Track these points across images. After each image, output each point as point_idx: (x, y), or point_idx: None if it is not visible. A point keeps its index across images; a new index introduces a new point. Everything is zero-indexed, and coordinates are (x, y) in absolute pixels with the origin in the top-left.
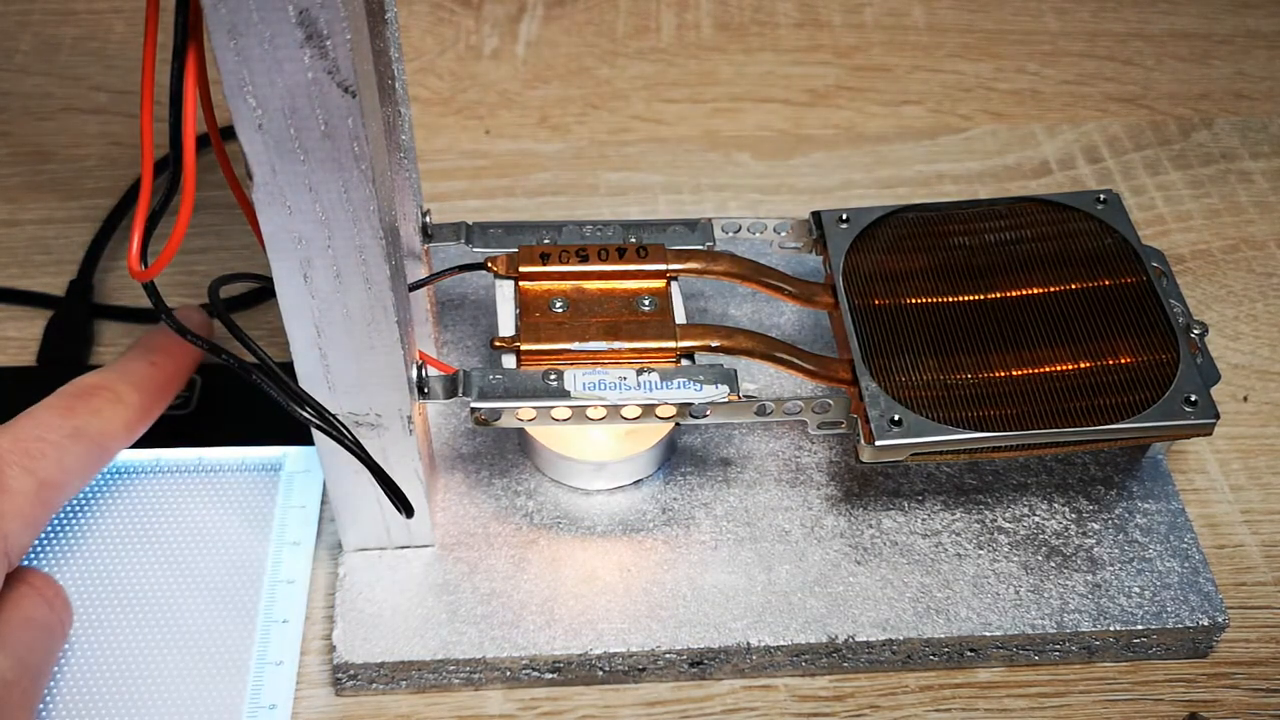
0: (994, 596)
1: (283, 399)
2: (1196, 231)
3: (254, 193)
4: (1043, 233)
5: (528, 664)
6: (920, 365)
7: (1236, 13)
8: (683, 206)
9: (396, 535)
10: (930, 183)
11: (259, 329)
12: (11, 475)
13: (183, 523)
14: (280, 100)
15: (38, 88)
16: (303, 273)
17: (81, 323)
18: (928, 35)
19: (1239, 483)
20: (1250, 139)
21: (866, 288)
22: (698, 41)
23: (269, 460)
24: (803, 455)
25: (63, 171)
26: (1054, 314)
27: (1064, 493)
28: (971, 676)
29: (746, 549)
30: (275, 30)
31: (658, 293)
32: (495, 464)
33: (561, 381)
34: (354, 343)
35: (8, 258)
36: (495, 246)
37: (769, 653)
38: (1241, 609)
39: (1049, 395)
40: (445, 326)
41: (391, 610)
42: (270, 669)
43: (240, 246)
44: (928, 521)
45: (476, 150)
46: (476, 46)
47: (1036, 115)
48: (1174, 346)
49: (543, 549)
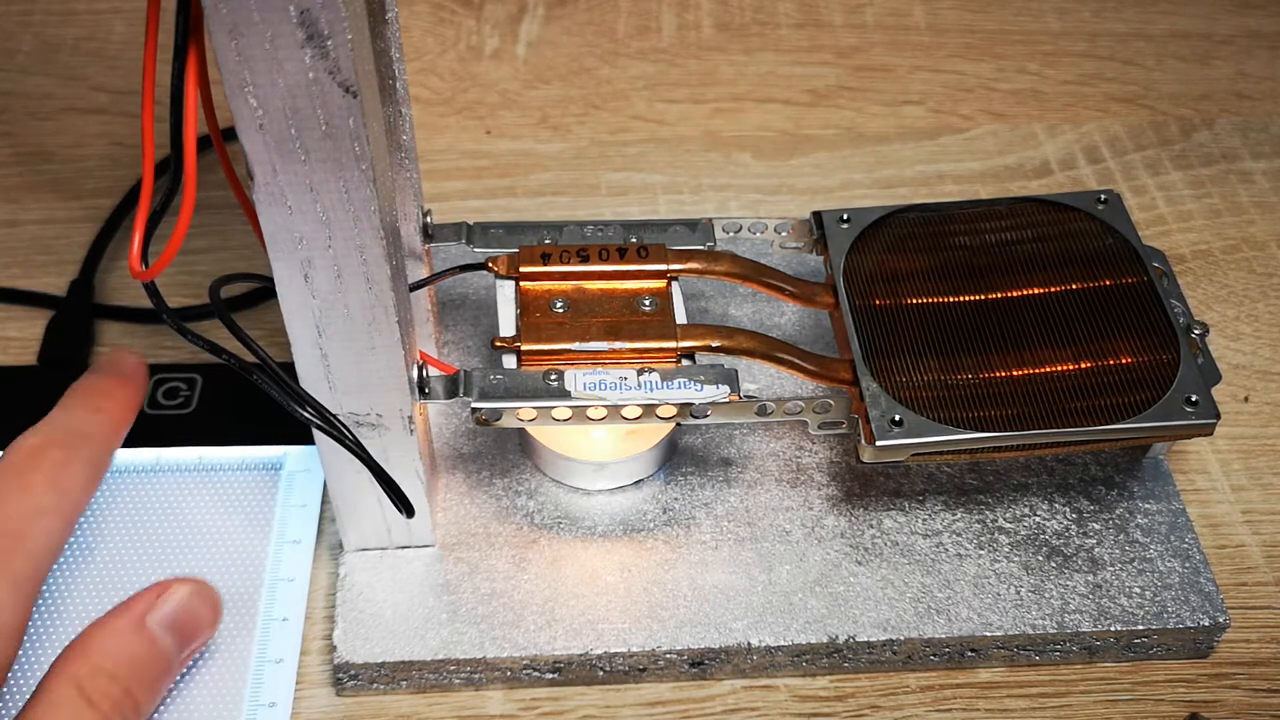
0: (995, 597)
1: (283, 399)
2: (1197, 232)
3: (255, 193)
4: (1044, 233)
5: (528, 664)
6: (921, 365)
7: (1237, 13)
8: (683, 206)
9: (397, 535)
10: (931, 183)
11: (259, 329)
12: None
13: (183, 522)
14: (281, 100)
15: (39, 88)
16: (304, 273)
17: (82, 323)
18: (929, 35)
19: (1240, 483)
20: (1251, 139)
21: (867, 288)
22: (698, 41)
23: (269, 460)
24: (803, 455)
25: (64, 172)
26: (1055, 314)
27: (1065, 493)
28: (972, 677)
29: (747, 549)
30: (276, 30)
31: (658, 293)
32: (496, 464)
33: (562, 382)
34: (355, 343)
35: (9, 258)
36: (496, 246)
37: (770, 653)
38: (1242, 609)
39: (1050, 395)
40: (446, 326)
41: (392, 610)
42: (270, 666)
43: (241, 246)
44: (928, 522)
45: (477, 150)
46: (477, 47)
47: (1037, 115)
48: (1175, 347)
49: (543, 549)
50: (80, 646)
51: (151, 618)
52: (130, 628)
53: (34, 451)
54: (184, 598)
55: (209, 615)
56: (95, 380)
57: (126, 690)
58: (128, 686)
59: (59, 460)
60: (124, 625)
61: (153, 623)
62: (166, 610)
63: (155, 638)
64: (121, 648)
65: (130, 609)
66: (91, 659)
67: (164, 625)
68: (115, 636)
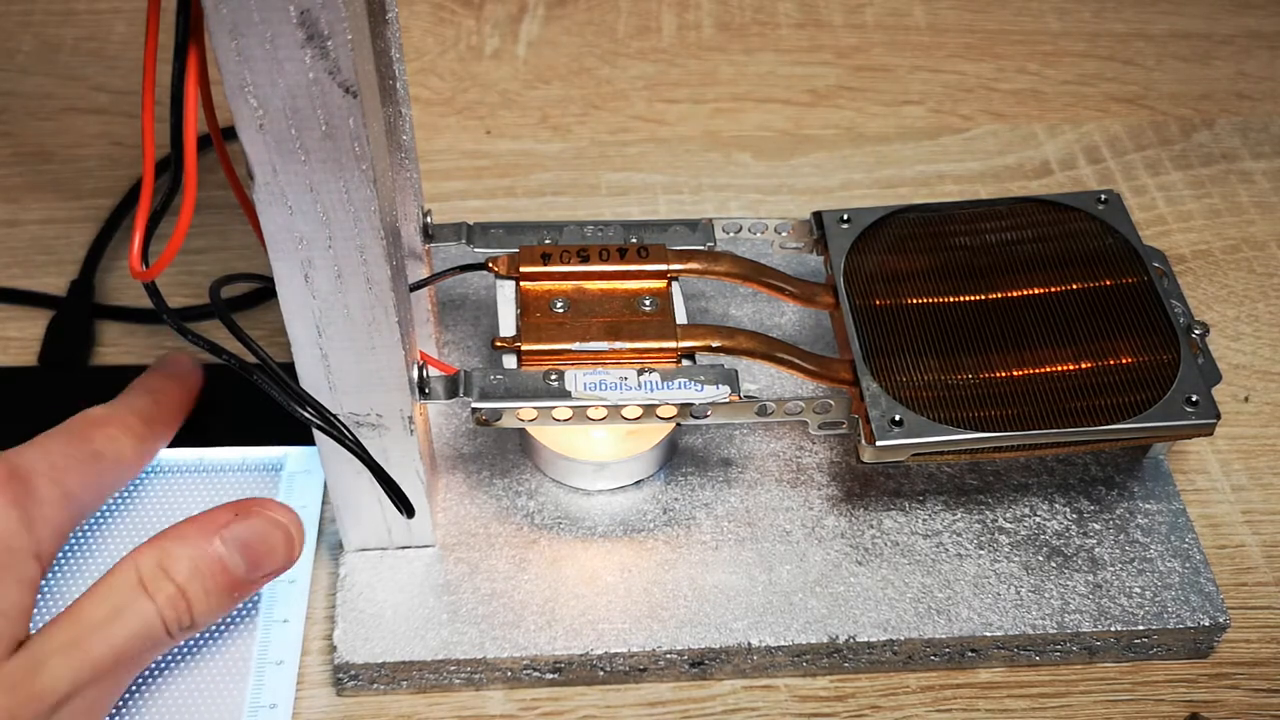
0: (995, 597)
1: (284, 399)
2: (1197, 232)
3: (255, 193)
4: (1044, 233)
5: (529, 664)
6: (921, 365)
7: (1238, 13)
8: (683, 207)
9: (397, 535)
10: (931, 183)
11: (260, 329)
12: (41, 485)
13: None
14: (281, 100)
15: (39, 88)
16: (304, 273)
17: (83, 323)
18: (929, 35)
19: (1240, 483)
20: (1251, 139)
21: (867, 288)
22: (699, 42)
23: (270, 460)
24: (804, 455)
25: (64, 172)
26: (1055, 314)
27: (1065, 493)
28: (972, 677)
29: (747, 549)
30: (276, 30)
31: (659, 293)
32: (496, 464)
33: (562, 382)
34: (355, 343)
35: (9, 258)
36: (496, 247)
37: (770, 653)
38: (1242, 609)
39: (1050, 395)
40: (446, 327)
41: (392, 610)
42: (271, 668)
43: (241, 246)
44: (929, 522)
45: (477, 150)
46: (477, 47)
47: (1037, 115)
48: (1175, 347)
49: (544, 549)
50: (154, 541)
51: (224, 532)
52: (200, 535)
53: (95, 420)
54: (259, 525)
55: (283, 549)
56: (156, 379)
57: (182, 591)
58: (185, 588)
59: (120, 427)
60: (194, 532)
61: (224, 537)
62: (239, 530)
63: (222, 553)
64: (186, 551)
65: (209, 519)
66: (157, 554)
67: (234, 543)
68: (184, 541)
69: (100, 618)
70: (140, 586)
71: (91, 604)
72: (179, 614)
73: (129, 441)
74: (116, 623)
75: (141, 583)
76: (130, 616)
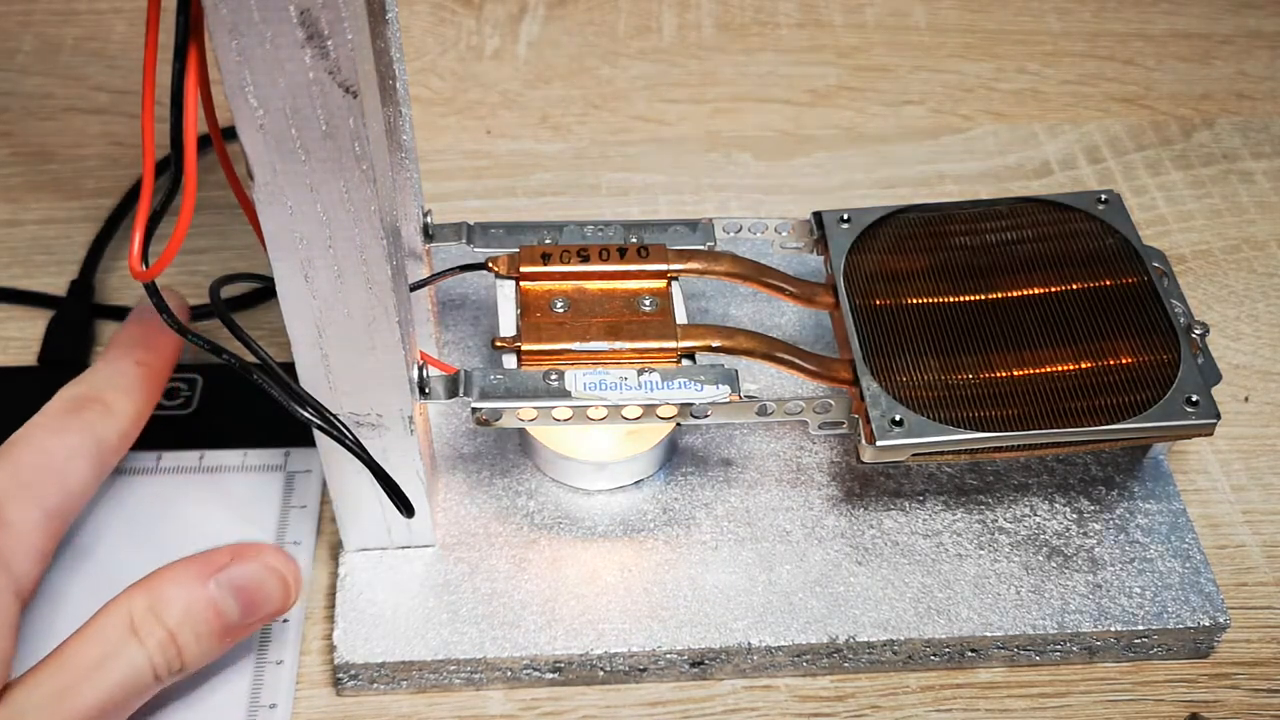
0: (995, 597)
1: (284, 399)
2: (1198, 232)
3: (255, 193)
4: (1044, 233)
5: (529, 664)
6: (921, 365)
7: (1238, 13)
8: (684, 206)
9: (397, 535)
10: (931, 183)
11: (260, 329)
12: (12, 510)
13: (183, 523)
14: (281, 100)
15: (39, 88)
16: (304, 273)
17: (83, 323)
18: (929, 35)
19: (1240, 483)
20: (1252, 139)
21: (867, 288)
22: (699, 41)
23: (270, 460)
24: (804, 455)
25: (64, 171)
26: (1055, 314)
27: (1065, 493)
28: (972, 677)
29: (747, 549)
30: (276, 30)
31: (659, 293)
32: (496, 464)
33: (562, 382)
34: (355, 343)
35: (9, 257)
36: (496, 246)
37: (770, 653)
38: (1242, 609)
39: (1050, 395)
40: (446, 326)
41: (392, 610)
42: (270, 668)
43: (241, 246)
44: (929, 522)
45: (478, 150)
46: (478, 47)
47: (1038, 115)
48: (1175, 347)
49: (544, 549)
50: (144, 583)
51: (220, 576)
52: (194, 579)
53: (76, 400)
54: (255, 570)
55: (279, 594)
56: (135, 331)
57: (173, 636)
58: (175, 632)
59: (100, 412)
60: (188, 575)
61: (219, 581)
62: (234, 574)
63: (216, 597)
64: (179, 595)
65: (203, 561)
66: (149, 597)
67: (228, 587)
68: (177, 583)
69: (89, 663)
70: (131, 630)
71: (80, 648)
72: (169, 660)
73: (111, 425)
74: (105, 669)
75: (133, 626)
76: (120, 663)
